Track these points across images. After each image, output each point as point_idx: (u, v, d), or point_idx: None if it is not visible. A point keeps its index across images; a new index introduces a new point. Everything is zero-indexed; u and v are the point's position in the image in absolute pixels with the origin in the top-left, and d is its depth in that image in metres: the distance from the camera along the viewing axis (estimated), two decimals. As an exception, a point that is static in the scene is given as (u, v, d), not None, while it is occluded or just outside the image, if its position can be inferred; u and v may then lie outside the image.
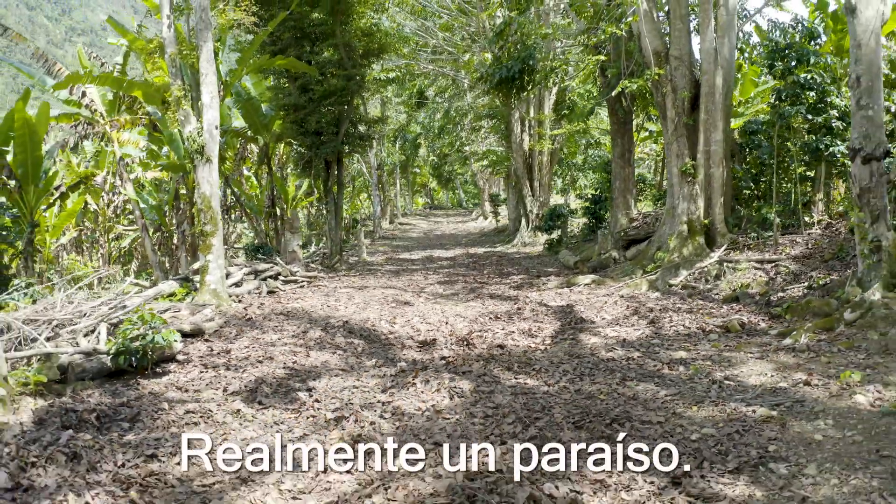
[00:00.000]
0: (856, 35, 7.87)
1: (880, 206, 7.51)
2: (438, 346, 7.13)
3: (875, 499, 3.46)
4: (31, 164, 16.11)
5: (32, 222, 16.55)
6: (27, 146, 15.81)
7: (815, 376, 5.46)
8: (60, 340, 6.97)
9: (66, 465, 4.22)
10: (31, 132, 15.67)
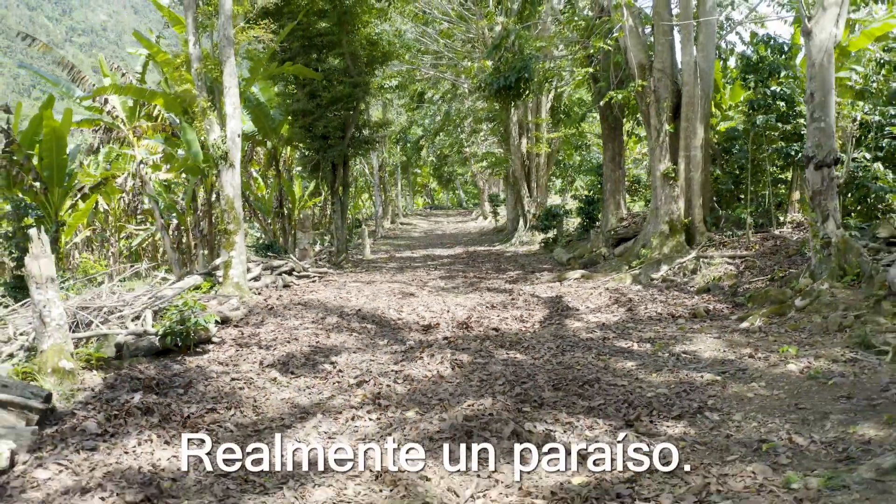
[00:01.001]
0: (811, 55, 8.89)
1: (830, 208, 8.52)
2: (441, 329, 8.16)
3: (783, 435, 4.47)
4: (57, 167, 17.13)
5: (57, 222, 17.56)
6: (53, 150, 16.83)
7: (760, 351, 6.48)
8: (111, 324, 7.99)
9: (142, 417, 5.24)
10: (57, 137, 16.69)
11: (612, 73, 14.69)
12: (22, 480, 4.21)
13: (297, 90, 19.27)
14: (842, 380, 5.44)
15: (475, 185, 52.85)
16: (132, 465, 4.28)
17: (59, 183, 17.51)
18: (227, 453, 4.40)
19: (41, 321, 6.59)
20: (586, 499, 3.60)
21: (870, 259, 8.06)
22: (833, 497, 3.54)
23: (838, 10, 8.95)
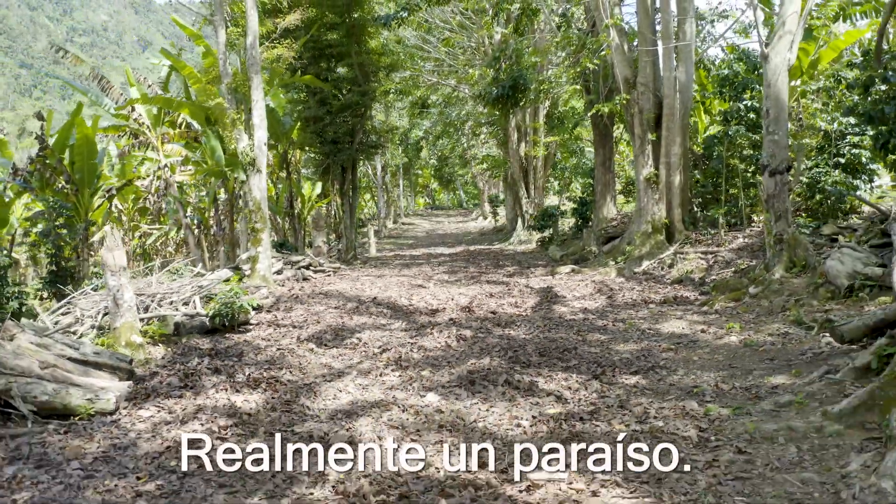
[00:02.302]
0: (767, 77, 10.25)
1: (782, 209, 9.88)
2: (447, 313, 9.51)
3: (712, 383, 5.82)
4: (87, 170, 18.47)
5: (87, 221, 18.91)
6: (84, 154, 18.17)
7: (711, 328, 7.84)
8: (165, 308, 9.34)
9: (212, 375, 6.59)
10: (88, 142, 18.03)
11: (601, 85, 16.07)
12: (129, 418, 5.56)
13: (308, 98, 20.58)
14: (770, 347, 6.80)
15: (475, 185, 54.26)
16: (215, 404, 5.63)
17: (89, 185, 18.85)
18: (286, 395, 5.77)
19: (115, 303, 7.94)
20: (557, 420, 4.96)
21: (814, 253, 9.41)
22: (737, 419, 4.90)
23: (792, 38, 10.31)
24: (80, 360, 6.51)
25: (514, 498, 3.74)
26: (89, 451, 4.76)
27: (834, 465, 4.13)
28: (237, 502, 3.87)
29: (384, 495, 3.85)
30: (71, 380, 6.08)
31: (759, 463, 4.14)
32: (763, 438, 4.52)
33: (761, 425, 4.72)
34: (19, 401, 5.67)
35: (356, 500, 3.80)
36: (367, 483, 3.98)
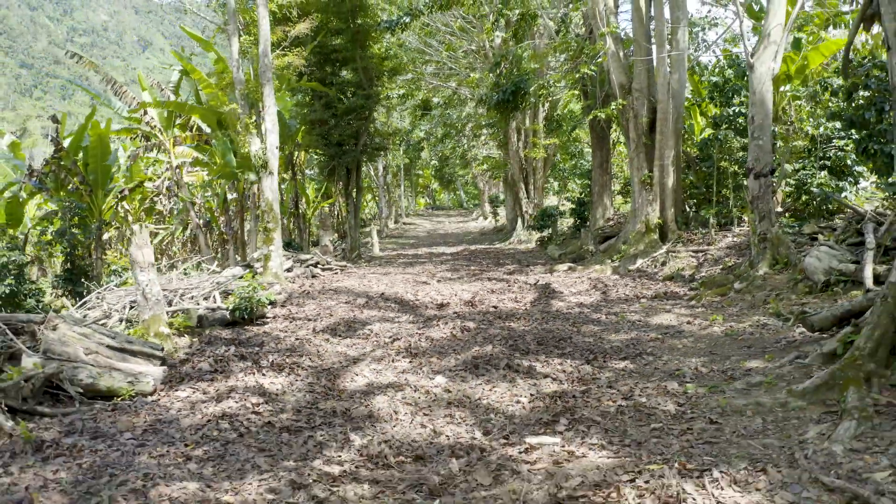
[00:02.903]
0: (753, 85, 10.87)
1: (766, 210, 10.49)
2: (451, 307, 10.13)
3: (692, 367, 6.42)
4: (101, 171, 19.08)
5: (101, 221, 19.52)
6: (98, 156, 18.79)
7: (697, 319, 8.46)
8: (186, 302, 9.95)
9: (239, 361, 7.20)
10: (102, 144, 18.65)
11: (598, 90, 16.68)
12: (168, 398, 6.18)
13: (313, 101, 21.18)
14: (749, 336, 7.42)
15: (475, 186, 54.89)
16: (245, 385, 6.24)
17: (102, 185, 19.46)
18: (308, 378, 6.38)
19: (144, 297, 8.56)
20: (553, 397, 5.58)
21: (795, 251, 10.03)
22: (711, 396, 5.52)
23: (776, 48, 10.93)
24: (118, 348, 7.13)
25: (514, 458, 4.36)
26: (138, 425, 5.38)
27: (793, 433, 4.74)
28: (275, 463, 4.48)
29: (402, 457, 4.47)
30: (112, 365, 6.70)
31: (728, 431, 4.76)
32: (733, 412, 5.14)
33: (733, 401, 5.34)
34: (67, 383, 6.29)
35: (378, 460, 4.42)
36: (387, 447, 4.60)
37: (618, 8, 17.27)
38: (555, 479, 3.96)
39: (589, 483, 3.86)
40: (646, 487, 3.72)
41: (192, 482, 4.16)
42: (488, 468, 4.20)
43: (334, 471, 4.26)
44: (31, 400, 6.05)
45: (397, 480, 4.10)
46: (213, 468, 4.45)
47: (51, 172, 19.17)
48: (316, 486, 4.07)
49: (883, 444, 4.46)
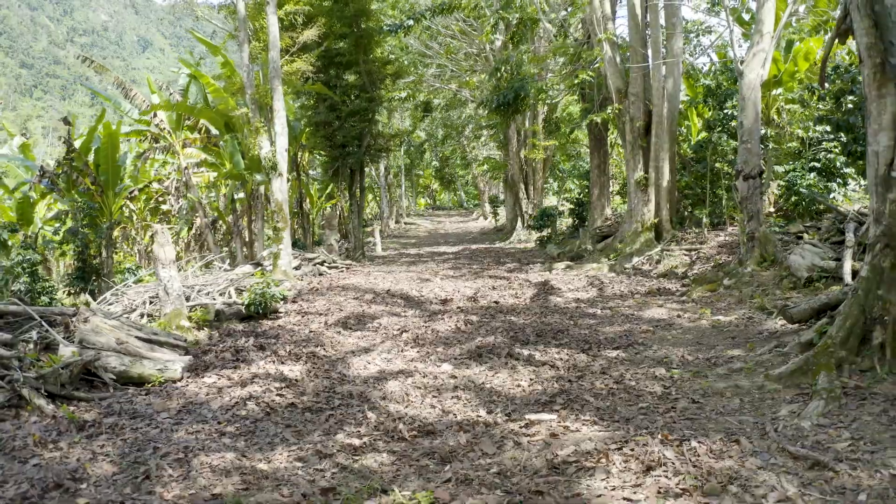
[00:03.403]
0: (742, 91, 11.39)
1: (754, 210, 11.01)
2: (454, 302, 10.65)
3: (679, 355, 6.93)
4: (112, 172, 19.60)
5: (112, 220, 20.04)
6: (109, 157, 19.31)
7: (687, 313, 8.97)
8: (202, 297, 10.46)
9: (258, 351, 7.72)
10: (112, 145, 19.17)
11: (595, 94, 17.20)
12: (195, 384, 6.69)
13: (318, 104, 21.68)
14: (734, 328, 7.94)
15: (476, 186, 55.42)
16: (267, 372, 6.76)
17: (113, 186, 19.98)
18: (325, 366, 6.90)
19: (165, 292, 9.08)
20: (548, 381, 6.09)
21: (782, 249, 10.55)
22: (695, 380, 6.04)
23: (765, 56, 11.45)
24: (146, 339, 7.65)
25: (515, 431, 4.88)
26: (172, 407, 5.89)
27: (767, 412, 5.26)
28: (301, 437, 5.00)
29: (415, 431, 4.98)
30: (141, 354, 7.22)
31: (708, 409, 5.28)
32: (714, 393, 5.66)
33: (714, 384, 5.86)
34: (102, 370, 6.81)
35: (394, 434, 4.93)
36: (401, 423, 5.11)
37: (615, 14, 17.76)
38: (551, 448, 4.48)
39: (581, 451, 4.38)
40: (631, 454, 4.24)
41: (228, 452, 4.68)
42: (492, 440, 4.72)
43: (355, 443, 4.78)
44: (68, 386, 6.56)
45: (412, 450, 4.62)
46: (246, 442, 4.97)
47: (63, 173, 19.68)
48: (339, 455, 4.59)
49: (847, 420, 4.98)
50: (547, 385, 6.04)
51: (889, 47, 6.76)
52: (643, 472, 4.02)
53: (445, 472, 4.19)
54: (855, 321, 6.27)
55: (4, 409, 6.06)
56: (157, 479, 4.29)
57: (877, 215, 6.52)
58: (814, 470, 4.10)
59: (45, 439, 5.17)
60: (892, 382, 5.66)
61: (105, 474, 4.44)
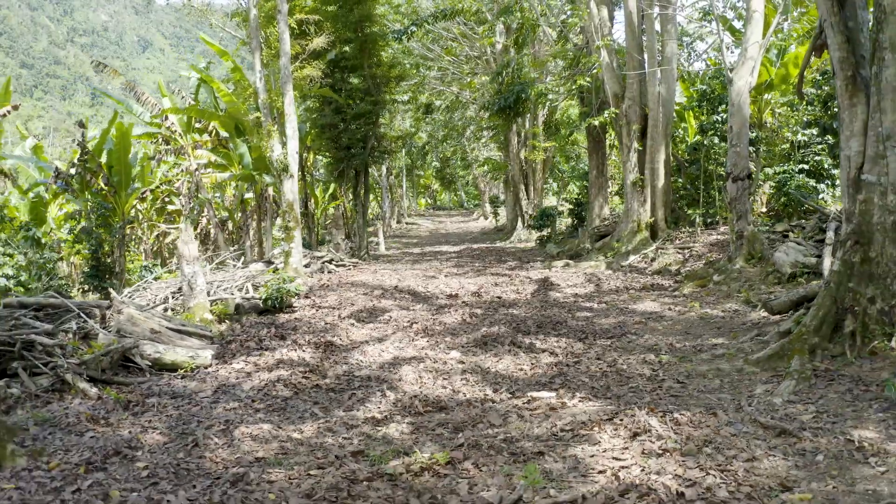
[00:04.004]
0: (731, 97, 12.00)
1: (743, 210, 11.63)
2: (460, 297, 11.26)
3: (668, 343, 7.55)
4: (124, 172, 20.22)
5: (125, 220, 20.65)
6: (122, 158, 19.92)
7: (677, 306, 9.59)
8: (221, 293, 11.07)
9: (279, 340, 8.33)
10: (125, 147, 19.79)
11: (594, 98, 17.82)
12: (225, 370, 7.29)
13: (323, 107, 22.27)
14: (720, 320, 8.56)
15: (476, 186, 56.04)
16: (290, 359, 7.37)
17: (126, 187, 20.59)
18: (343, 353, 7.51)
19: (189, 287, 9.69)
20: (548, 366, 6.71)
21: (768, 247, 11.16)
22: (681, 364, 6.65)
23: (753, 63, 12.06)
24: (175, 329, 8.27)
25: (518, 406, 5.49)
26: (207, 388, 6.50)
27: (744, 390, 5.88)
28: (328, 412, 5.61)
29: (429, 407, 5.60)
30: (173, 342, 7.83)
31: (691, 388, 5.89)
32: (697, 375, 6.28)
33: (698, 367, 6.48)
34: (138, 357, 7.42)
35: (411, 409, 5.55)
36: (417, 401, 5.73)
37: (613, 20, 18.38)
38: (550, 419, 5.10)
39: (577, 422, 4.99)
40: (620, 424, 4.86)
41: (264, 424, 5.29)
42: (498, 413, 5.34)
43: (377, 416, 5.40)
44: (108, 371, 7.18)
45: (427, 422, 5.23)
46: (279, 416, 5.58)
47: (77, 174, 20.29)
48: (364, 426, 5.21)
49: (814, 397, 5.60)
50: (546, 369, 6.66)
51: (860, 61, 7.39)
52: (630, 438, 4.63)
53: (458, 439, 4.80)
54: (827, 311, 6.89)
55: (49, 393, 6.67)
56: (204, 447, 4.90)
57: (848, 214, 7.14)
58: (780, 437, 4.71)
59: (95, 416, 5.78)
60: (859, 366, 6.28)
61: (157, 443, 5.05)
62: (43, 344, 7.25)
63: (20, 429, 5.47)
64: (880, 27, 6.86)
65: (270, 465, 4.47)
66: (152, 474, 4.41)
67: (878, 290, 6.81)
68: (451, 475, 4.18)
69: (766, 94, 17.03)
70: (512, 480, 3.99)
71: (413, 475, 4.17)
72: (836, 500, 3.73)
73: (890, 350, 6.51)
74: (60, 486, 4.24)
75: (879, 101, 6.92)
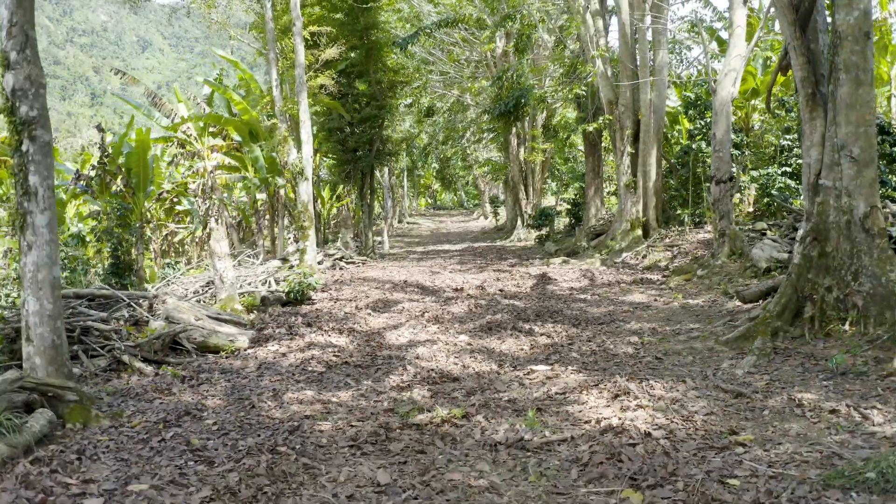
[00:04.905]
0: (715, 107, 13.02)
1: (725, 210, 12.65)
2: (465, 290, 12.28)
3: (651, 328, 8.56)
4: (143, 175, 21.22)
5: (143, 220, 21.65)
6: (140, 161, 20.92)
7: (663, 298, 10.61)
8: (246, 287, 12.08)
9: (307, 327, 9.34)
10: (144, 150, 20.79)
11: (589, 103, 18.85)
12: (262, 351, 8.30)
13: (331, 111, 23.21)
14: (699, 308, 9.58)
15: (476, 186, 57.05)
16: (320, 342, 8.38)
17: (143, 188, 21.59)
18: (364, 338, 8.54)
19: (221, 280, 10.71)
20: (545, 346, 7.73)
21: (747, 244, 12.18)
22: (659, 344, 7.67)
23: (735, 75, 13.08)
24: (212, 317, 9.28)
25: (519, 377, 6.51)
26: (250, 366, 7.51)
27: (712, 364, 6.89)
28: (358, 382, 6.62)
29: (444, 378, 6.61)
30: (214, 328, 8.84)
31: (667, 363, 6.91)
32: (673, 353, 7.30)
33: (674, 347, 7.50)
34: (185, 340, 8.43)
35: (429, 379, 6.56)
36: (433, 373, 6.74)
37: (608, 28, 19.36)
38: (546, 386, 6.12)
39: (568, 388, 6.01)
40: (604, 388, 5.87)
41: (307, 391, 6.31)
42: (503, 382, 6.36)
43: (401, 385, 6.41)
44: (159, 353, 8.18)
45: (443, 389, 6.25)
46: (317, 386, 6.59)
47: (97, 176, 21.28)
48: (390, 392, 6.22)
49: (770, 369, 6.61)
50: (543, 349, 7.68)
51: (820, 79, 8.43)
52: (612, 399, 5.65)
53: (470, 400, 5.82)
54: (789, 299, 7.91)
55: (107, 373, 7.68)
56: (259, 408, 5.91)
57: (807, 214, 8.18)
58: (737, 398, 5.73)
59: (159, 387, 6.79)
60: (814, 345, 7.31)
61: (218, 406, 6.06)
62: (99, 329, 8.26)
63: (96, 398, 6.48)
64: (836, 50, 7.88)
65: (318, 420, 5.48)
66: (221, 428, 5.41)
67: (834, 280, 7.83)
68: (466, 425, 5.19)
69: (753, 99, 18.06)
70: (515, 427, 5.01)
71: (435, 425, 5.19)
72: (771, 440, 4.75)
73: (843, 332, 7.54)
74: (147, 438, 5.25)
75: (835, 115, 7.94)
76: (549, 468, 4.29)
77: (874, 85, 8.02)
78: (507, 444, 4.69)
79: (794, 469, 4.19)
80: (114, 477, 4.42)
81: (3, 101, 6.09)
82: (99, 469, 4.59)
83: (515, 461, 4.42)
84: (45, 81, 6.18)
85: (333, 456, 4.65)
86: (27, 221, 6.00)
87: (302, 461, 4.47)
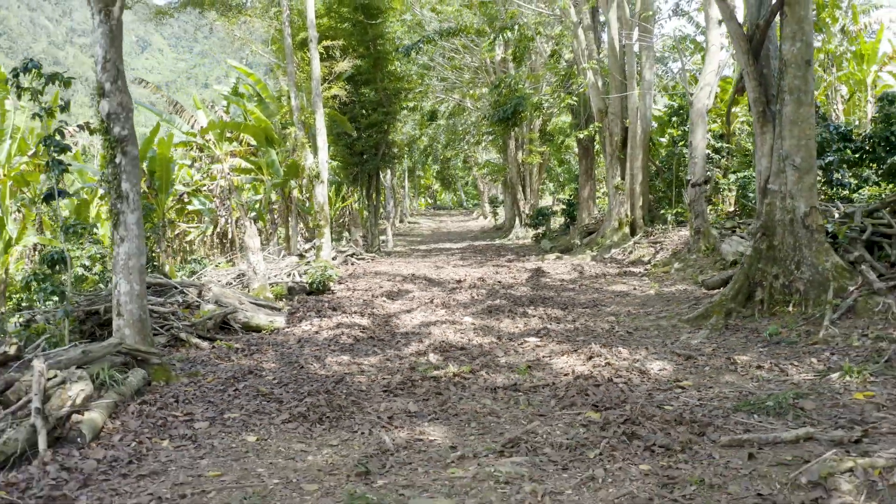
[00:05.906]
0: (692, 117, 14.52)
1: (699, 210, 14.16)
2: (467, 282, 13.80)
3: (627, 311, 10.07)
4: (165, 177, 22.71)
5: (164, 220, 23.14)
6: (163, 164, 22.41)
7: (643, 287, 12.13)
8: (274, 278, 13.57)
9: (332, 311, 10.84)
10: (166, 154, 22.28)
11: (582, 111, 20.36)
12: (298, 329, 9.80)
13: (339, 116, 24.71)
14: (671, 295, 11.10)
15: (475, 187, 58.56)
16: (346, 322, 9.88)
17: (165, 190, 23.10)
18: (383, 319, 10.05)
19: (253, 272, 12.21)
20: (537, 324, 9.24)
21: (719, 240, 13.68)
22: (631, 322, 9.19)
23: (710, 89, 14.59)
24: (252, 302, 10.78)
25: (514, 346, 8.02)
26: (291, 340, 9.02)
27: (673, 337, 8.40)
28: (382, 351, 8.13)
29: (453, 347, 8.13)
30: (256, 311, 10.34)
31: (636, 336, 8.43)
32: (642, 329, 8.81)
33: (643, 324, 9.02)
34: (233, 320, 9.93)
35: (440, 348, 8.07)
36: (444, 344, 8.26)
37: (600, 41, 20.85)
38: (535, 352, 7.63)
39: (553, 353, 7.52)
40: (581, 352, 7.39)
41: (343, 356, 7.82)
42: (501, 349, 7.87)
43: (418, 352, 7.92)
44: (211, 331, 9.68)
45: (453, 355, 7.76)
46: (350, 353, 8.10)
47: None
48: (410, 357, 7.74)
49: (720, 340, 8.12)
50: (535, 326, 9.19)
51: (770, 99, 9.94)
52: (587, 360, 7.16)
53: (475, 363, 7.34)
54: (742, 284, 9.42)
55: (167, 348, 9.16)
56: (307, 368, 7.41)
57: (758, 214, 9.68)
58: (686, 360, 7.24)
59: (219, 356, 8.29)
60: (760, 322, 8.81)
61: (274, 368, 7.57)
62: (158, 311, 9.75)
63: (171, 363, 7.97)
64: (782, 75, 9.38)
65: (356, 375, 6.99)
66: (280, 381, 6.92)
67: (780, 269, 9.33)
68: (472, 377, 6.71)
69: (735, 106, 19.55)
70: (511, 377, 6.52)
71: (449, 378, 6.70)
72: (705, 385, 6.25)
73: (787, 312, 9.04)
74: (223, 388, 6.74)
75: (781, 130, 9.44)
76: (534, 401, 5.80)
77: (813, 104, 9.50)
78: (505, 388, 6.20)
79: (717, 403, 5.70)
80: (210, 411, 5.93)
81: (99, 122, 7.60)
82: (194, 408, 6.09)
83: (510, 397, 5.94)
84: (133, 106, 7.69)
85: (373, 397, 6.16)
86: (120, 220, 7.49)
87: (350, 399, 5.98)
